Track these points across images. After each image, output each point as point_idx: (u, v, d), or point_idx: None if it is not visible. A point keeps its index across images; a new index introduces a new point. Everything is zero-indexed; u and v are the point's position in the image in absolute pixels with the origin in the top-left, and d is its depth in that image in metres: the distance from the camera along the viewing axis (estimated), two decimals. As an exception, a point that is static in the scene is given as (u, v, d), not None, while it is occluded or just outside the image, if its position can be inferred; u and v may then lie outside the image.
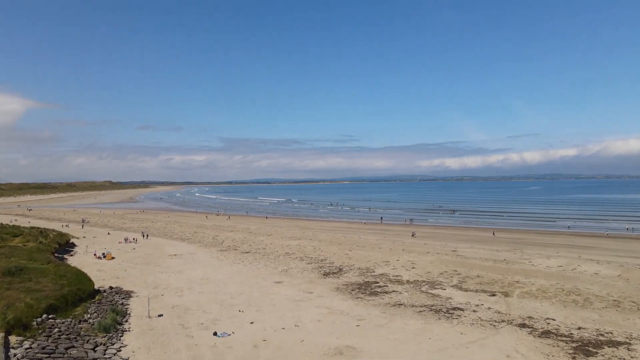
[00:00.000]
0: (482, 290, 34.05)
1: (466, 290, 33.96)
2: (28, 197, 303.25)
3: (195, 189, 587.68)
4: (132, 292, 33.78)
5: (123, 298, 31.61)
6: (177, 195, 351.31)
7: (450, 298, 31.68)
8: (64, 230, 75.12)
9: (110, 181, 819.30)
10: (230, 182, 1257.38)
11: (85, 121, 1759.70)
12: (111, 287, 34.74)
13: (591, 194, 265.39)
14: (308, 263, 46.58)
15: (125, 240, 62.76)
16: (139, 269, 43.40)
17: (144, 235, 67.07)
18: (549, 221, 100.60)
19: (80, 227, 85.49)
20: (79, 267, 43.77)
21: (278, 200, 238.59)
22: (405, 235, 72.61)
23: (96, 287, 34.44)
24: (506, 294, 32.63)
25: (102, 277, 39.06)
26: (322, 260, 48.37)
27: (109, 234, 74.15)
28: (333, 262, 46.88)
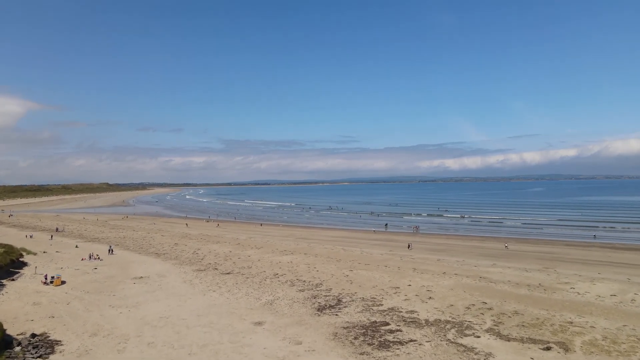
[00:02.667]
0: (530, 338, 25.34)
1: (508, 339, 25.25)
2: (18, 201, 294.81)
3: (190, 191, 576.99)
4: (58, 342, 25.05)
5: (39, 356, 22.89)
6: (168, 198, 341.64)
7: (490, 355, 22.95)
8: (27, 241, 66.43)
9: (107, 183, 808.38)
10: (229, 184, 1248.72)
11: (85, 123, 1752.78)
12: (33, 335, 25.99)
13: (599, 195, 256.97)
14: (300, 290, 37.87)
15: (90, 256, 53.99)
16: (87, 300, 34.63)
17: (109, 251, 58.10)
18: (568, 229, 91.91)
19: (49, 237, 76.69)
20: (17, 296, 35.29)
21: (274, 205, 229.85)
22: (415, 249, 64.06)
23: (16, 334, 25.96)
24: (565, 347, 23.93)
25: (32, 315, 30.31)
26: (317, 285, 39.66)
27: (77, 246, 65.36)
28: (330, 289, 38.17)
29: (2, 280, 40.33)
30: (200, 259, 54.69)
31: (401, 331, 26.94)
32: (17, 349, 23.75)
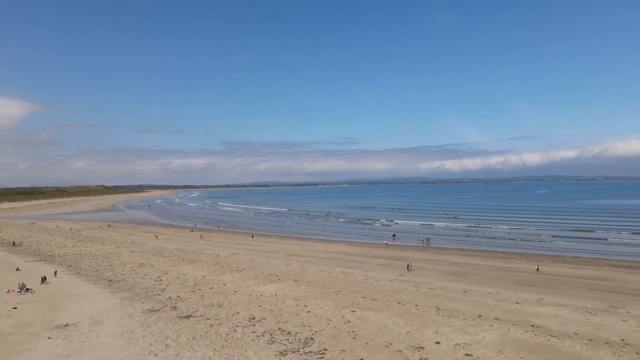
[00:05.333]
0: None
1: None
2: (4, 205, 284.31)
3: (184, 194, 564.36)
4: None
5: None
6: (157, 202, 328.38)
7: None
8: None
9: (103, 185, 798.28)
10: (229, 186, 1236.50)
11: (86, 124, 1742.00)
12: None
13: (610, 199, 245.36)
14: (281, 352, 26.21)
15: (21, 287, 42.22)
16: (-45, 378, 22.99)
17: (42, 280, 45.88)
18: (602, 243, 79.90)
19: (-5, 255, 65.09)
20: None
21: (270, 210, 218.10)
22: (430, 271, 52.40)
23: None
24: None
25: None
26: (305, 342, 28.00)
27: (18, 269, 53.65)
28: (324, 350, 26.54)
29: None
30: (162, 289, 42.98)
31: None
32: None
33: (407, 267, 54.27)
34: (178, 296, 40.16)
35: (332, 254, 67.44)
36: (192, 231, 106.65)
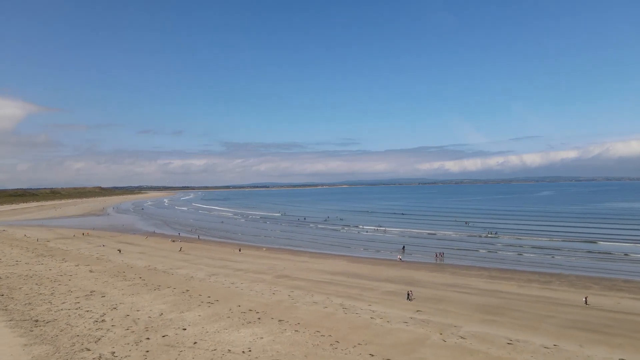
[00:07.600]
0: None
1: None
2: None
3: (178, 195, 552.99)
4: None
5: None
6: (147, 204, 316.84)
7: None
8: None
9: (100, 187, 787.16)
10: (228, 187, 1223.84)
11: (86, 125, 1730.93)
12: None
13: (620, 201, 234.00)
14: None
15: None
16: None
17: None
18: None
19: None
20: None
21: (264, 215, 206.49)
22: (453, 304, 41.10)
23: None
24: None
25: None
26: None
27: None
28: None
29: None
30: (97, 338, 31.64)
31: None
32: None
33: (407, 296, 43.36)
34: (113, 353, 28.83)
35: (330, 276, 56.09)
36: (173, 241, 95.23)
